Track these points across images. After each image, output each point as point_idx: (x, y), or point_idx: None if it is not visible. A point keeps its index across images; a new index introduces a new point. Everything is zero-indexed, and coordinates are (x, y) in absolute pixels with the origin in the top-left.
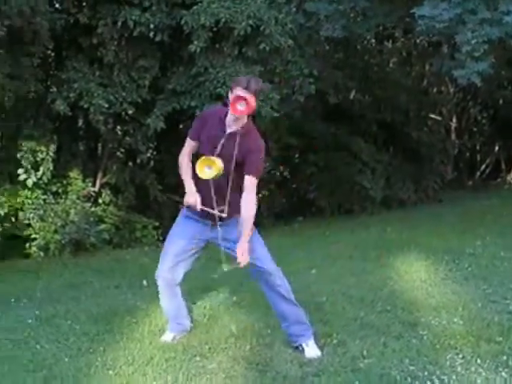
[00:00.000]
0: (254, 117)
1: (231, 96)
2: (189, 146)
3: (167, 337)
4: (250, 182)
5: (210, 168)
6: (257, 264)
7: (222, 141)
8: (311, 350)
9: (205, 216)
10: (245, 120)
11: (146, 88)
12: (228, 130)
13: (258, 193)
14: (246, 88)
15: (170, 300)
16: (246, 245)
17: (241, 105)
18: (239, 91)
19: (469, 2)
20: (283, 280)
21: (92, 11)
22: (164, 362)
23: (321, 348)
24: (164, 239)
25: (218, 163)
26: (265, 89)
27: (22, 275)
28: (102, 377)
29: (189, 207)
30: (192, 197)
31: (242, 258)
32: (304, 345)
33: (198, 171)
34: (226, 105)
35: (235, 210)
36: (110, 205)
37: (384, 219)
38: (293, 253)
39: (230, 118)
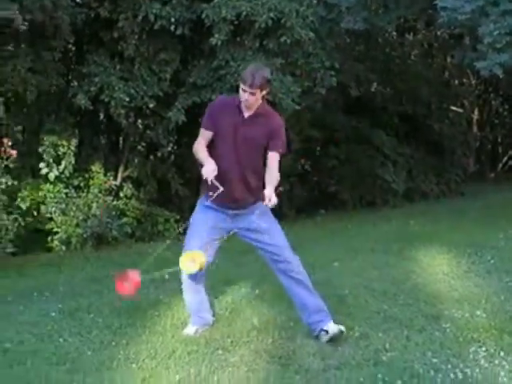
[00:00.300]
0: (269, 101)
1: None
2: (203, 137)
3: (189, 330)
4: (275, 159)
5: (194, 262)
6: (276, 252)
7: (243, 127)
8: (334, 327)
9: (224, 205)
10: (260, 102)
11: (166, 81)
12: (246, 115)
13: (279, 185)
14: (251, 86)
15: (193, 293)
16: (273, 192)
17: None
18: (246, 87)
19: None
20: (302, 268)
21: (113, 5)
22: (186, 355)
23: (343, 341)
24: (185, 232)
25: (201, 257)
26: (267, 75)
27: (44, 269)
28: (124, 370)
29: (209, 197)
30: (210, 165)
31: (270, 202)
32: (325, 327)
33: (180, 266)
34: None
35: (257, 196)
36: (132, 198)
37: (406, 212)
38: (315, 246)
39: (244, 104)
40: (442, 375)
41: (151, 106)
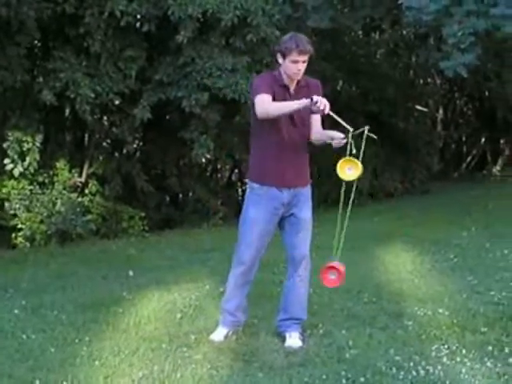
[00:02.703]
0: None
1: None
2: (268, 99)
3: (218, 335)
4: (320, 121)
5: (351, 170)
6: (303, 251)
7: (292, 101)
8: (292, 340)
9: (279, 181)
10: (303, 72)
11: (132, 78)
12: (292, 90)
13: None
14: (308, 51)
15: (240, 288)
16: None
17: (332, 274)
18: (300, 57)
19: None
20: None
21: (78, 1)
22: (150, 352)
23: (307, 338)
24: (150, 229)
25: (360, 165)
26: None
27: (8, 266)
28: (87, 367)
29: (261, 183)
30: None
31: (326, 106)
32: (287, 335)
33: (338, 172)
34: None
35: (306, 177)
36: (97, 195)
37: (370, 210)
38: (279, 244)
39: (287, 79)
40: (404, 372)
41: (117, 102)
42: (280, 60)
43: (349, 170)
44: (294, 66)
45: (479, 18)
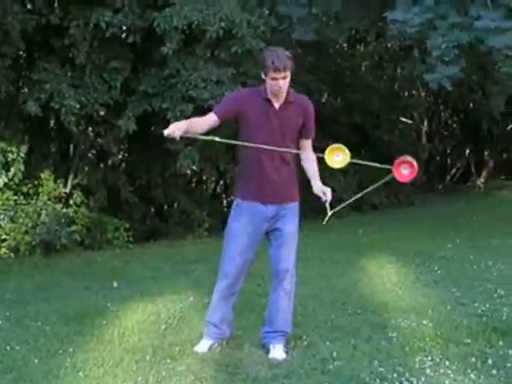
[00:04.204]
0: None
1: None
2: (208, 119)
3: (202, 347)
4: (309, 145)
5: (339, 156)
6: (286, 265)
7: (276, 119)
8: (276, 352)
9: (263, 196)
10: (286, 88)
11: (117, 89)
12: (277, 106)
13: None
14: (285, 68)
15: (224, 300)
16: (320, 183)
17: (405, 168)
18: (279, 74)
19: (440, 7)
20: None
21: (64, 12)
22: (134, 363)
23: (291, 350)
24: (134, 241)
25: (347, 150)
26: (288, 53)
27: None
28: (71, 379)
29: (244, 198)
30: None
31: (327, 195)
32: (271, 346)
33: (327, 160)
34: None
35: (293, 193)
36: (82, 206)
37: (355, 222)
38: (263, 255)
39: (271, 94)
40: None
41: (102, 113)
42: (263, 76)
43: (337, 157)
44: (274, 83)
45: (463, 30)
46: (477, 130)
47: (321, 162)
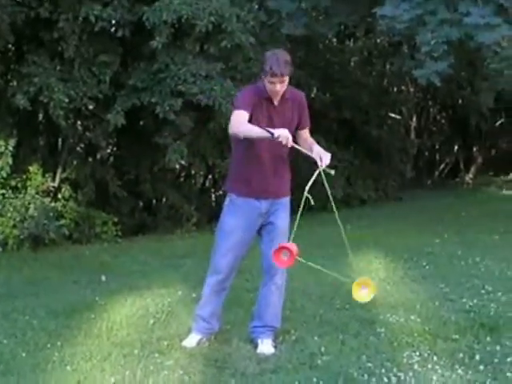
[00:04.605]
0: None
1: None
2: (244, 117)
3: (191, 341)
4: (307, 133)
5: (366, 288)
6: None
7: (276, 117)
8: (265, 347)
9: (258, 191)
10: (285, 86)
11: (106, 83)
12: (276, 103)
13: None
14: (282, 75)
15: (215, 295)
16: (320, 148)
17: (284, 254)
18: (276, 79)
19: (429, 3)
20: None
21: (53, 5)
22: (122, 358)
23: (279, 345)
24: (123, 235)
25: (374, 285)
26: (288, 57)
27: None
28: (59, 372)
29: (239, 194)
30: (283, 131)
31: (324, 160)
32: (260, 341)
33: (353, 294)
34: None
35: (286, 188)
36: (70, 200)
37: (344, 217)
38: (253, 251)
39: (270, 92)
40: (376, 379)
41: (90, 107)
42: (262, 76)
43: (363, 289)
44: (272, 87)
45: (452, 27)
46: (465, 126)
47: None
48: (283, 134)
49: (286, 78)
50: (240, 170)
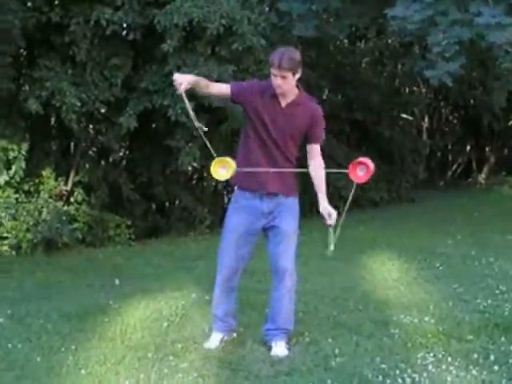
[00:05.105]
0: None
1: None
2: (221, 86)
3: (213, 341)
4: (318, 153)
5: (224, 168)
6: (285, 263)
7: (281, 117)
8: (278, 349)
9: (256, 184)
10: (296, 91)
11: (118, 87)
12: (283, 104)
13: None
14: (279, 67)
15: (226, 294)
16: (327, 204)
17: (361, 169)
18: (275, 70)
19: (440, 4)
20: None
21: (64, 10)
22: (136, 361)
23: (293, 347)
24: (136, 238)
25: (233, 164)
26: (297, 57)
27: None
28: (74, 376)
29: (240, 183)
30: (179, 76)
31: (332, 217)
32: (273, 343)
33: (212, 172)
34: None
35: (290, 188)
36: (83, 204)
37: (356, 219)
38: (264, 254)
39: (274, 86)
40: (391, 380)
41: (103, 111)
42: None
43: (222, 169)
44: (273, 79)
45: (463, 27)
46: (478, 126)
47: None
48: (178, 79)
49: (288, 75)
50: (240, 162)
